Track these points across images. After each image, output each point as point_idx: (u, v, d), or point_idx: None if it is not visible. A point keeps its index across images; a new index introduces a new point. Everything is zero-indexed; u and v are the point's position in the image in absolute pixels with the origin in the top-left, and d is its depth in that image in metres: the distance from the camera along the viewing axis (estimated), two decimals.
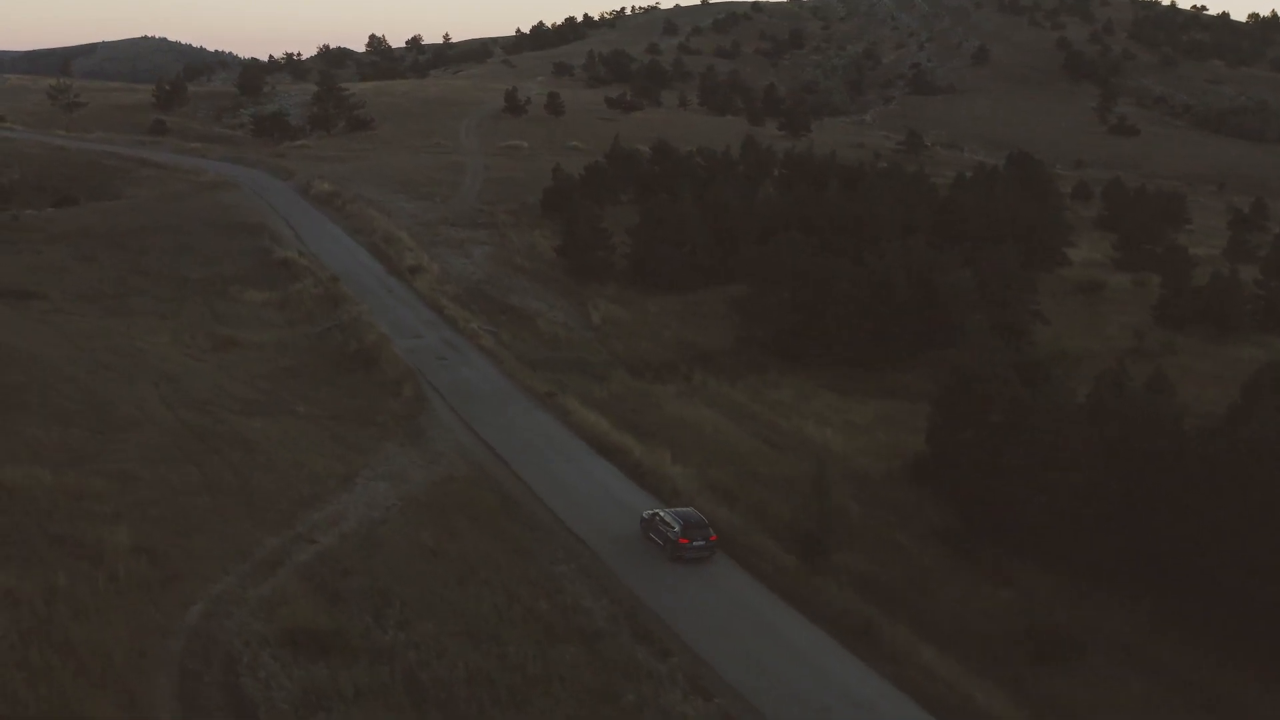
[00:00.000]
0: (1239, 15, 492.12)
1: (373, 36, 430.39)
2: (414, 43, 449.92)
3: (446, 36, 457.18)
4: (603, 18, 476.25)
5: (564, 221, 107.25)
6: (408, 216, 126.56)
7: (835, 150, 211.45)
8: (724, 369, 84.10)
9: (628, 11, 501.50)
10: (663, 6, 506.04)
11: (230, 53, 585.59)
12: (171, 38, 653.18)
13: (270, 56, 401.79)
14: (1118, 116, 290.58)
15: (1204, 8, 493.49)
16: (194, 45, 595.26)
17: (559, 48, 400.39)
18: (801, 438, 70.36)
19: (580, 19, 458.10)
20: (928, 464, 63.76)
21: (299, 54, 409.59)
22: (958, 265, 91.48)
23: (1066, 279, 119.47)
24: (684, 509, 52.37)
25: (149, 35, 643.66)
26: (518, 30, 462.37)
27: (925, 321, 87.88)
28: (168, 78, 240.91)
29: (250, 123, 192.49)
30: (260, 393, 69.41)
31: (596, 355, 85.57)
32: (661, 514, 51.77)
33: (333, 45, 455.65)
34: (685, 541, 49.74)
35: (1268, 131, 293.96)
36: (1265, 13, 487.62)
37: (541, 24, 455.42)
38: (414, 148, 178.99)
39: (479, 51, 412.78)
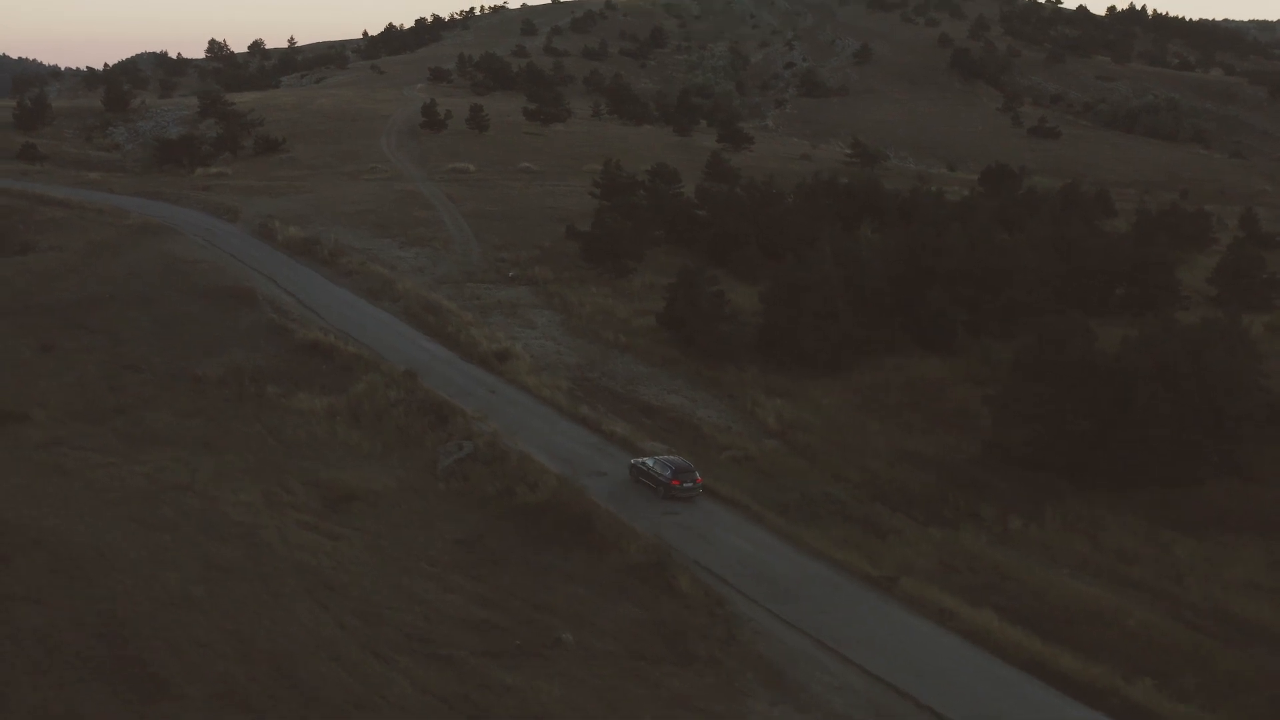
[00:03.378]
0: (1092, 8, 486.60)
1: (213, 41, 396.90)
2: (257, 47, 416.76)
3: (291, 40, 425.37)
4: (453, 18, 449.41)
5: (675, 285, 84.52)
6: (416, 270, 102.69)
7: (783, 163, 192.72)
8: (1001, 496, 63.02)
9: (476, 12, 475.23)
10: (510, 6, 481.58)
11: (35, 60, 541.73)
12: None
13: (106, 65, 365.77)
14: (1037, 119, 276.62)
15: (1059, 1, 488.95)
16: None
17: (416, 51, 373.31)
18: (1230, 617, 49.56)
19: (430, 19, 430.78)
20: None
21: (104, 60, 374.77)
22: (1223, 335, 71.72)
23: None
24: (669, 457, 59.48)
25: None
26: (365, 33, 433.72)
27: (1210, 415, 67.70)
28: (23, 92, 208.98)
29: (154, 146, 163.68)
30: (480, 603, 45.85)
31: (829, 484, 63.64)
32: (648, 462, 58.96)
33: (145, 50, 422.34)
34: (677, 483, 56.77)
35: (1181, 131, 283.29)
36: (1118, 5, 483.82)
37: (393, 26, 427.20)
38: (348, 174, 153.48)
39: (332, 56, 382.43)
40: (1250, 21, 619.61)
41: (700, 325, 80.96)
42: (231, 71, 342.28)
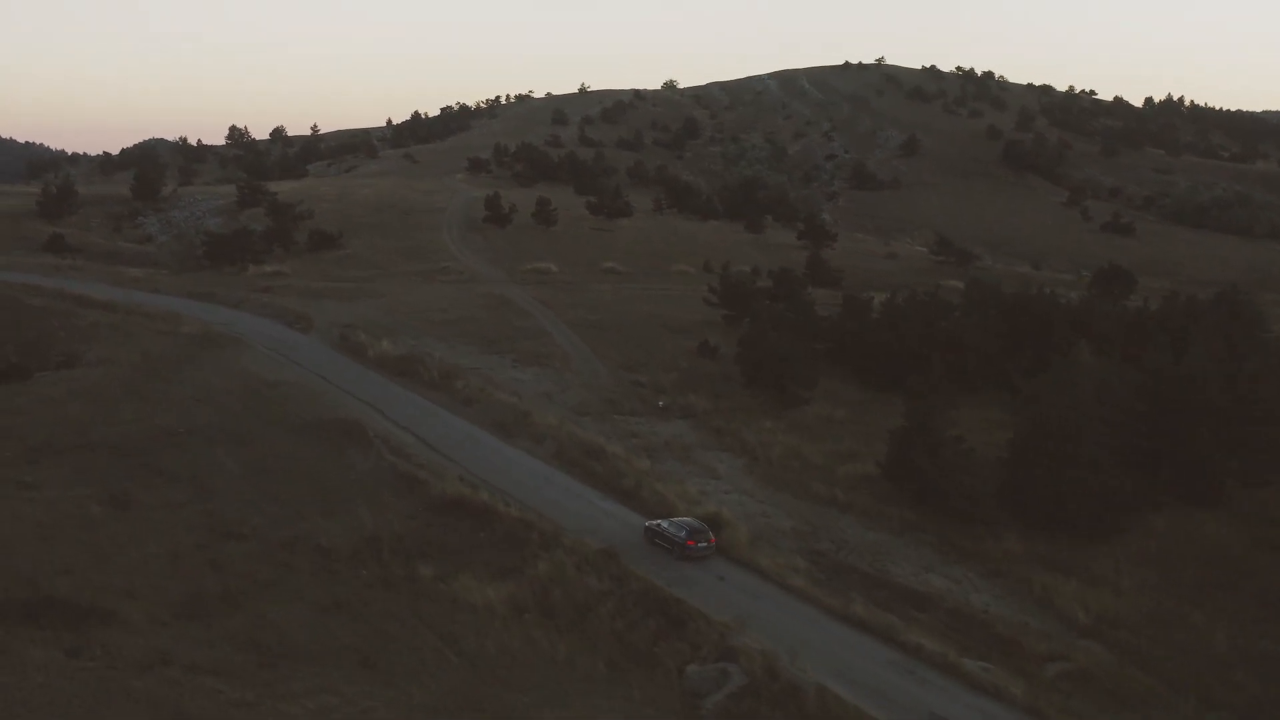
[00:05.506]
0: (1126, 100, 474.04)
1: (233, 128, 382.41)
2: (278, 134, 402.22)
3: (314, 128, 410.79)
4: (479, 107, 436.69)
5: (906, 428, 67.55)
6: (543, 397, 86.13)
7: (869, 261, 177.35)
8: None
9: (502, 100, 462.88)
10: (535, 95, 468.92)
11: (43, 144, 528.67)
12: None
13: (123, 149, 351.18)
14: (1110, 214, 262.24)
15: (1094, 92, 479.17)
16: (3, 137, 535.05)
17: (446, 140, 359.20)
18: None
19: (457, 108, 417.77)
20: None
21: (112, 146, 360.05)
22: None
23: None
24: (683, 519, 58.80)
25: None
26: (389, 121, 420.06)
27: None
28: (42, 178, 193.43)
29: (202, 240, 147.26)
30: None
31: (1207, 714, 46.54)
32: (663, 524, 58.22)
33: (153, 136, 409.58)
34: (692, 544, 56.36)
35: (1256, 225, 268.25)
36: (1143, 96, 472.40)
37: (419, 114, 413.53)
38: (419, 274, 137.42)
39: (357, 144, 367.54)
40: (1264, 112, 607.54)
41: (945, 481, 63.83)
42: (253, 159, 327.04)
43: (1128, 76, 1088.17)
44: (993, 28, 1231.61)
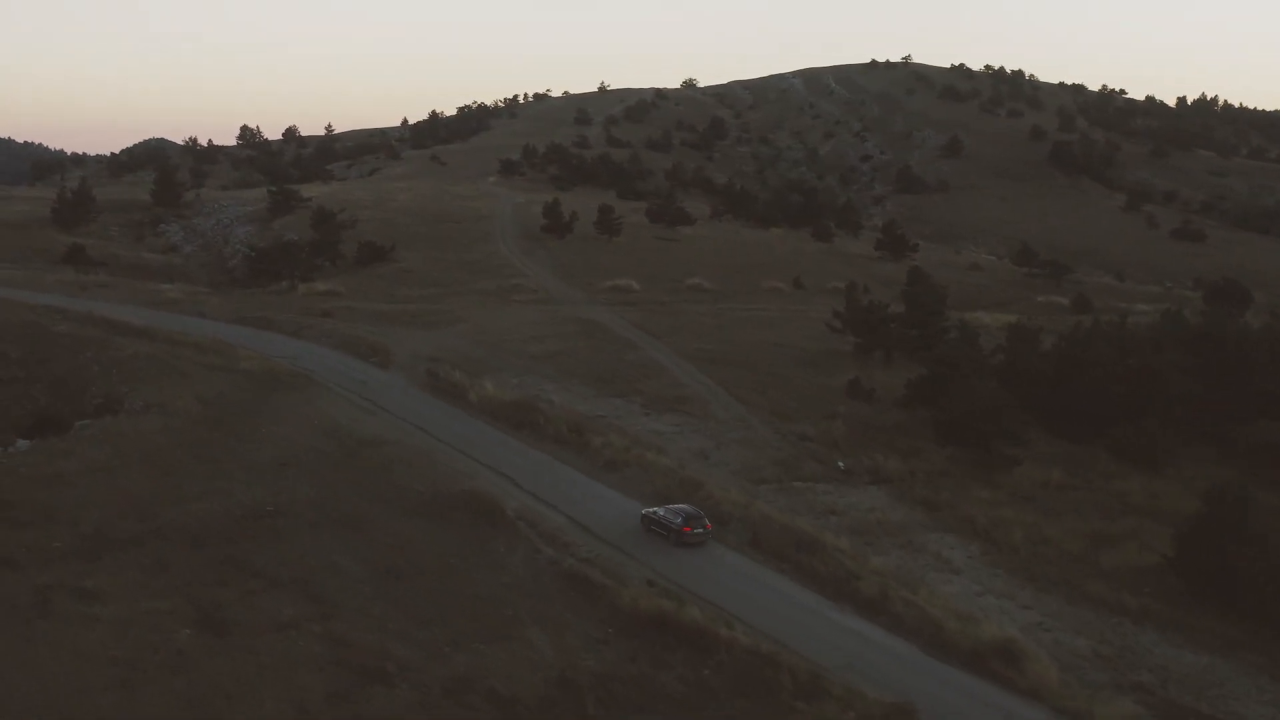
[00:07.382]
0: (1151, 98, 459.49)
1: (245, 128, 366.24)
2: (291, 134, 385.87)
3: (329, 128, 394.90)
4: (497, 106, 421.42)
5: (1207, 516, 52.37)
6: (697, 456, 71.54)
7: (952, 273, 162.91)
8: None
9: (520, 99, 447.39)
10: (553, 95, 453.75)
11: (41, 144, 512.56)
12: None
13: (124, 150, 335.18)
14: (1180, 220, 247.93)
15: (1124, 91, 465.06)
16: (2, 137, 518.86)
17: (469, 140, 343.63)
18: None
19: (475, 107, 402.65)
20: None
21: (111, 146, 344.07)
22: None
23: None
24: (680, 505, 57.57)
25: None
26: (404, 121, 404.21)
27: None
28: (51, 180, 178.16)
29: (244, 255, 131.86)
30: None
31: None
32: (659, 511, 57.13)
33: (152, 137, 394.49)
34: (688, 530, 55.40)
35: None
36: (1188, 97, 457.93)
37: (435, 114, 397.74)
38: (491, 293, 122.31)
39: (374, 144, 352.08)
40: (1274, 111, 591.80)
41: (1268, 586, 48.82)
42: (267, 160, 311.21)
43: (1129, 77, 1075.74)
44: (993, 27, 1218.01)
